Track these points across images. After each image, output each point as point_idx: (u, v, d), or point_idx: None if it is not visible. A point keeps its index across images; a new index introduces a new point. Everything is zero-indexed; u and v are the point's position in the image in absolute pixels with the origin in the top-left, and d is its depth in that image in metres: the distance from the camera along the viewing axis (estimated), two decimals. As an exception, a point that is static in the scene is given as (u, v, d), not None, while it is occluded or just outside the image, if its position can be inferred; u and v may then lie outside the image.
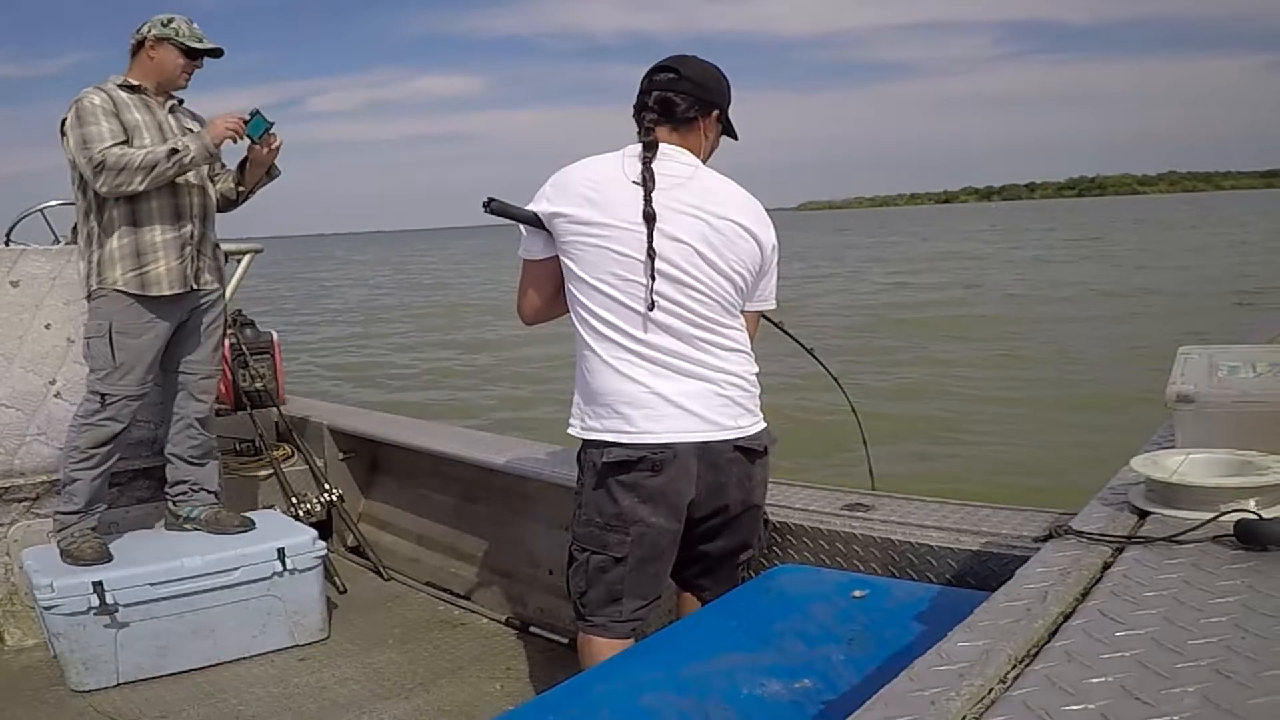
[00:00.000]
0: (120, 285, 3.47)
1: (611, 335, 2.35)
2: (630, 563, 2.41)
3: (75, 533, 3.53)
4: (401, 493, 4.76)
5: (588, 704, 1.89)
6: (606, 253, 2.33)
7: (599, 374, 2.38)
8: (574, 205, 2.35)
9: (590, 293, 2.36)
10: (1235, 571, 1.49)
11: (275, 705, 3.21)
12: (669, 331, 2.35)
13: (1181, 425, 2.07)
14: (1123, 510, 1.87)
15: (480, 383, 14.37)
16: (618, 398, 2.36)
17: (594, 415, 2.41)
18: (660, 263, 2.31)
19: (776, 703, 1.79)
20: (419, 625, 3.88)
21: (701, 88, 2.47)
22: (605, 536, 2.41)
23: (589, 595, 2.45)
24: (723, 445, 2.41)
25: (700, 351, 2.39)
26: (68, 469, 3.59)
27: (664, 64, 2.48)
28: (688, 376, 2.38)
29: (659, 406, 2.35)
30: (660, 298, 2.33)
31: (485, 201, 2.42)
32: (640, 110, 2.46)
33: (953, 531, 2.47)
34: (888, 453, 9.00)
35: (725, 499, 2.46)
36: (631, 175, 2.35)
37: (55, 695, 3.33)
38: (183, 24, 3.55)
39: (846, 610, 2.12)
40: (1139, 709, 1.10)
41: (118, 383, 3.53)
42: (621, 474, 2.37)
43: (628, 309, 2.34)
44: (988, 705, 1.18)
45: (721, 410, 2.41)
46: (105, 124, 3.39)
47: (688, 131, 2.47)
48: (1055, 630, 1.37)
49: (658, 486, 2.37)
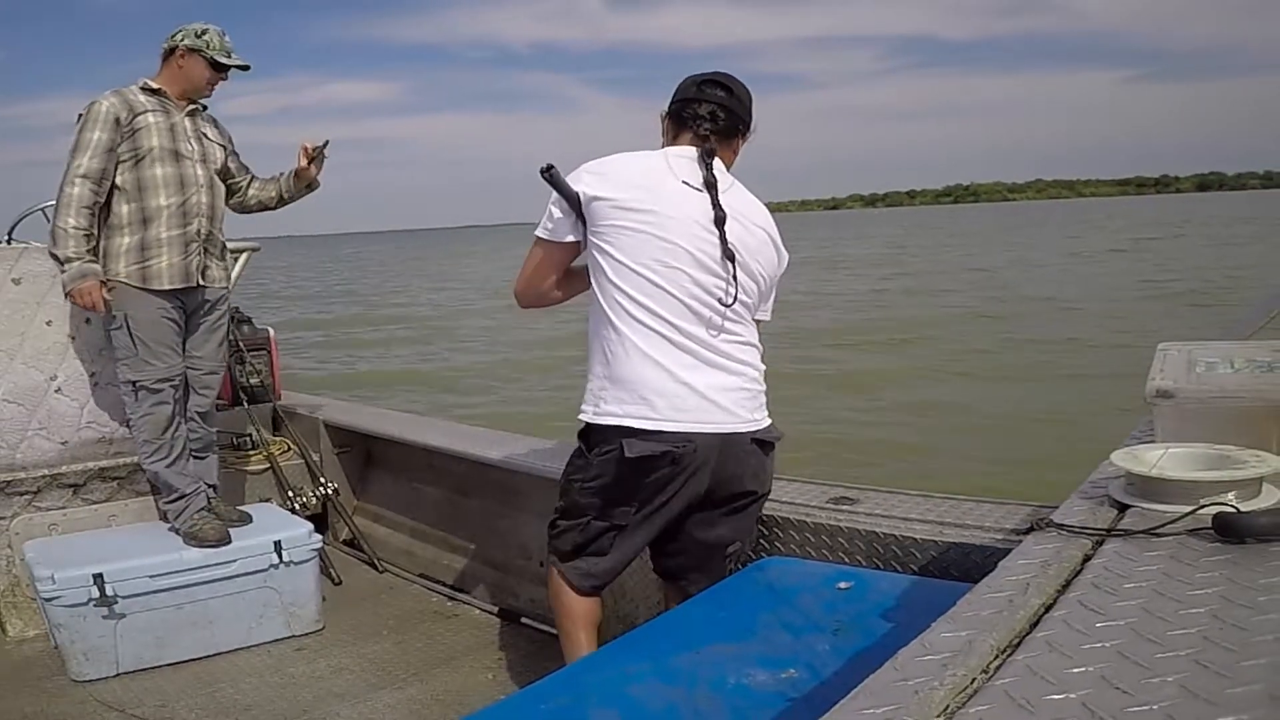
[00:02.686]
0: (123, 277, 3.50)
1: (647, 321, 2.37)
2: (628, 530, 2.47)
3: (189, 517, 3.60)
4: (395, 486, 4.75)
5: (578, 693, 1.88)
6: (652, 239, 2.36)
7: (628, 359, 2.39)
8: (623, 190, 2.38)
9: (630, 277, 2.38)
10: (1213, 564, 1.48)
11: (272, 695, 3.20)
12: (705, 323, 2.40)
13: (1161, 420, 2.06)
14: (1103, 504, 1.86)
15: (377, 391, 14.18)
16: (645, 384, 2.37)
17: (616, 400, 2.40)
18: (707, 258, 2.38)
19: (763, 692, 1.79)
20: (413, 616, 3.87)
21: (746, 110, 2.57)
22: (612, 510, 2.46)
23: (587, 547, 2.53)
24: (742, 438, 2.45)
25: (728, 345, 2.44)
26: (146, 466, 3.67)
27: (715, 79, 2.56)
28: (715, 369, 2.42)
29: (686, 397, 2.38)
30: (703, 289, 2.38)
31: (545, 167, 2.44)
32: (694, 119, 2.51)
33: (936, 524, 2.46)
34: (875, 449, 9.05)
35: (741, 487, 2.51)
36: (681, 174, 2.43)
37: (56, 685, 3.32)
38: (215, 37, 3.58)
39: (832, 601, 2.11)
40: (1119, 698, 1.09)
41: (145, 368, 3.56)
42: (643, 467, 2.38)
43: (669, 295, 2.37)
44: (970, 695, 1.17)
45: (743, 403, 2.45)
46: (99, 134, 3.44)
47: (727, 146, 2.56)
48: (1037, 621, 1.36)
49: (680, 483, 2.41)
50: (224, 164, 3.77)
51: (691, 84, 2.55)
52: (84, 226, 3.43)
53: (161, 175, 3.51)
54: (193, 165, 3.59)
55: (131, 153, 3.48)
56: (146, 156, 3.49)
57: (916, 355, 14.37)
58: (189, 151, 3.59)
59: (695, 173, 2.44)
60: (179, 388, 3.65)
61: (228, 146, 3.81)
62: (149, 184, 3.50)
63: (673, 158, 2.46)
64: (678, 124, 2.55)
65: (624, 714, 1.77)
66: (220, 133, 3.79)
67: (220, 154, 3.74)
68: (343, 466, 4.82)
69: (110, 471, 4.03)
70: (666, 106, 2.59)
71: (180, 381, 3.65)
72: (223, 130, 3.82)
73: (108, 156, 3.45)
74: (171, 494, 3.64)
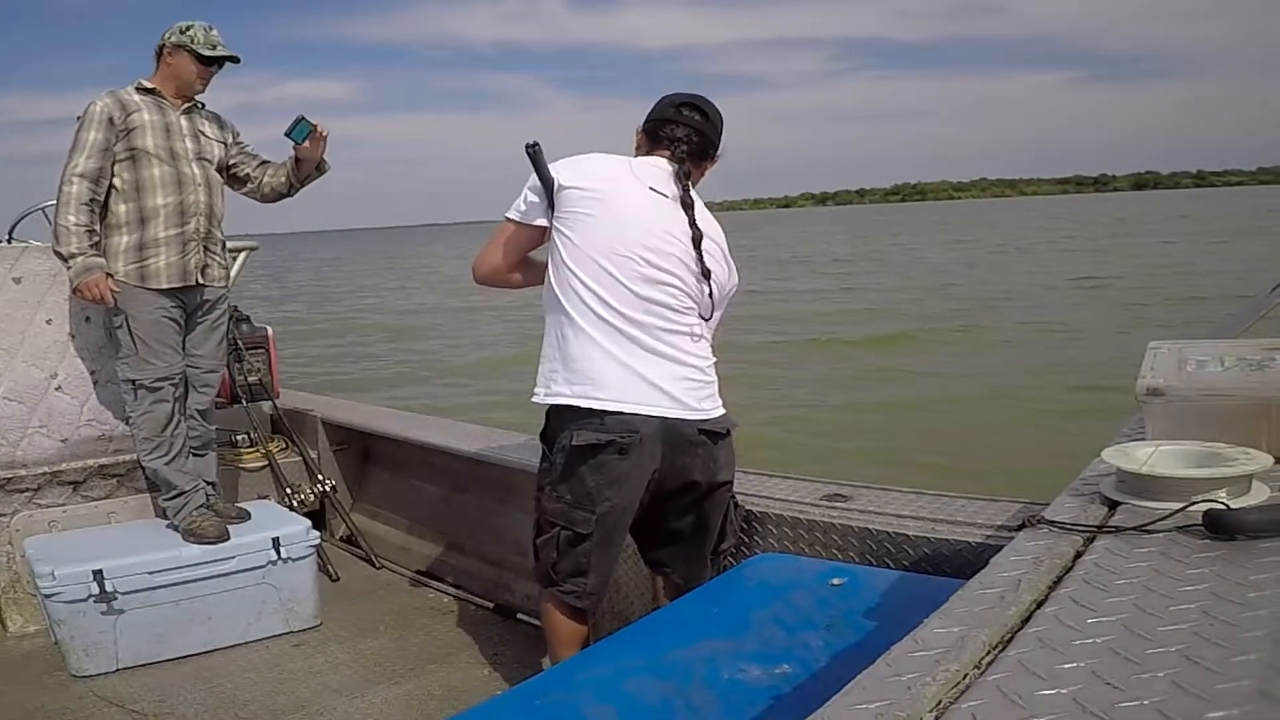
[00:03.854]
0: (121, 276, 3.49)
1: (596, 307, 2.43)
2: (595, 539, 2.48)
3: (188, 514, 3.60)
4: (393, 484, 4.74)
5: (573, 688, 1.88)
6: (608, 227, 2.44)
7: (577, 342, 2.45)
8: (590, 181, 2.48)
9: (585, 262, 2.44)
10: (1204, 560, 1.48)
11: (270, 690, 3.19)
12: (655, 314, 2.45)
13: (1151, 418, 2.06)
14: (1094, 500, 1.86)
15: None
16: (592, 367, 2.43)
17: (565, 381, 2.46)
18: (660, 254, 2.45)
19: (756, 688, 1.78)
20: (409, 612, 3.86)
21: (717, 134, 2.67)
22: (573, 514, 2.48)
23: (560, 565, 2.53)
24: (687, 426, 2.48)
25: (676, 337, 2.48)
26: (145, 463, 3.67)
27: (691, 102, 2.65)
28: (662, 358, 2.46)
29: (632, 381, 2.43)
30: (652, 283, 2.44)
31: (530, 144, 2.49)
32: (669, 140, 2.60)
33: (929, 521, 2.46)
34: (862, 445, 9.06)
35: (693, 476, 2.54)
36: (645, 179, 2.52)
37: (56, 680, 3.31)
38: (199, 32, 3.56)
39: (825, 598, 2.11)
40: (1110, 693, 1.09)
41: (144, 367, 3.55)
42: (590, 456, 2.43)
43: (619, 283, 2.42)
44: (963, 690, 1.16)
45: (689, 392, 2.49)
46: (94, 134, 3.45)
47: (696, 167, 2.64)
48: (1028, 617, 1.36)
49: (624, 470, 2.44)
50: (224, 160, 3.75)
51: (670, 105, 2.64)
52: (85, 223, 3.43)
53: (158, 175, 3.50)
54: (189, 164, 3.57)
55: (127, 153, 3.47)
56: (142, 157, 3.48)
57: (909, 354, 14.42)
58: (184, 150, 3.57)
59: (662, 181, 2.53)
60: (178, 386, 3.64)
61: (229, 142, 3.79)
62: (145, 184, 3.49)
63: (638, 164, 2.56)
64: (652, 141, 2.64)
65: (618, 709, 1.77)
66: (222, 129, 3.77)
67: (219, 151, 3.72)
68: (340, 464, 4.81)
69: (110, 469, 4.02)
70: (642, 123, 2.68)
71: (180, 380, 3.64)
72: (225, 125, 3.80)
73: (103, 156, 3.45)
74: (170, 491, 3.63)
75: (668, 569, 2.73)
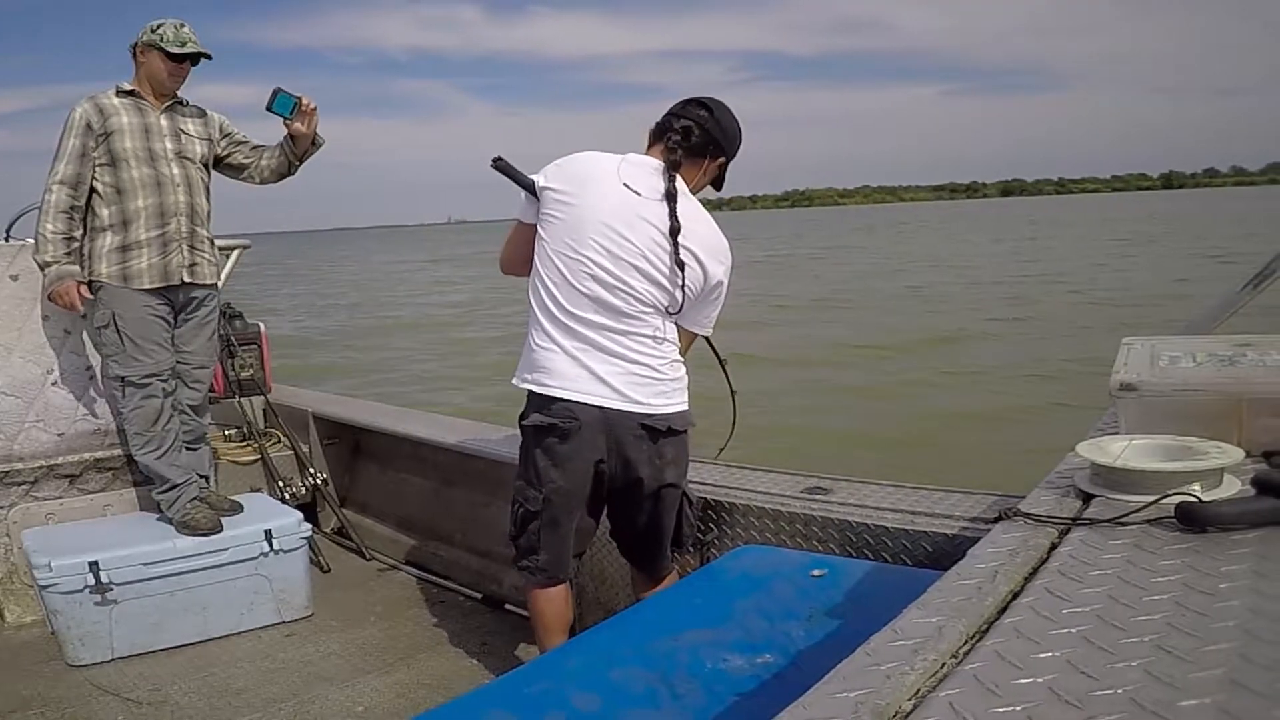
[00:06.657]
0: (104, 278, 3.48)
1: (549, 304, 2.51)
2: (543, 519, 2.60)
3: (181, 506, 3.59)
4: (383, 477, 4.73)
5: (560, 677, 1.87)
6: (568, 228, 2.48)
7: (539, 335, 2.53)
8: (563, 183, 2.51)
9: (547, 260, 2.51)
10: (1176, 552, 1.48)
11: (263, 678, 3.18)
12: (604, 314, 2.48)
13: (1125, 412, 2.06)
14: (1069, 494, 1.86)
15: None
16: (545, 357, 2.51)
17: (527, 368, 2.57)
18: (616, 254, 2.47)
19: (739, 676, 1.78)
20: (399, 603, 3.85)
21: (724, 134, 2.63)
22: (527, 491, 2.60)
23: (520, 541, 2.67)
24: (628, 419, 2.51)
25: (628, 338, 2.50)
26: (138, 457, 3.66)
27: (703, 101, 2.64)
28: (611, 355, 2.49)
29: (578, 372, 2.49)
30: (603, 285, 2.47)
31: (495, 159, 2.57)
32: (665, 131, 2.60)
33: (907, 514, 2.46)
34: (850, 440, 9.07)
35: (638, 474, 2.57)
36: (625, 177, 2.50)
37: (53, 670, 3.29)
38: (169, 29, 3.51)
39: (806, 589, 2.11)
40: (1085, 682, 1.08)
41: (132, 364, 3.53)
42: (539, 438, 2.54)
43: (568, 282, 2.48)
44: (940, 679, 1.16)
45: (634, 387, 2.51)
46: (73, 140, 3.46)
47: (694, 164, 2.62)
48: (1005, 607, 1.35)
49: (565, 452, 2.51)
50: (213, 155, 3.72)
51: (680, 103, 2.65)
52: (62, 231, 3.44)
53: (137, 177, 3.48)
54: (168, 165, 3.54)
55: (107, 156, 3.46)
56: (121, 160, 3.46)
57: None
58: (164, 151, 3.54)
59: (646, 180, 2.51)
60: (168, 381, 3.61)
61: (215, 136, 3.74)
62: (126, 186, 3.47)
63: (626, 163, 2.54)
64: (655, 135, 2.64)
65: (604, 697, 1.76)
66: (206, 124, 3.71)
67: (203, 148, 3.67)
68: (331, 458, 4.79)
69: (105, 462, 4.01)
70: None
71: (169, 376, 3.61)
72: (210, 119, 3.74)
73: (82, 162, 3.45)
74: (164, 484, 3.61)
75: (635, 561, 2.82)
